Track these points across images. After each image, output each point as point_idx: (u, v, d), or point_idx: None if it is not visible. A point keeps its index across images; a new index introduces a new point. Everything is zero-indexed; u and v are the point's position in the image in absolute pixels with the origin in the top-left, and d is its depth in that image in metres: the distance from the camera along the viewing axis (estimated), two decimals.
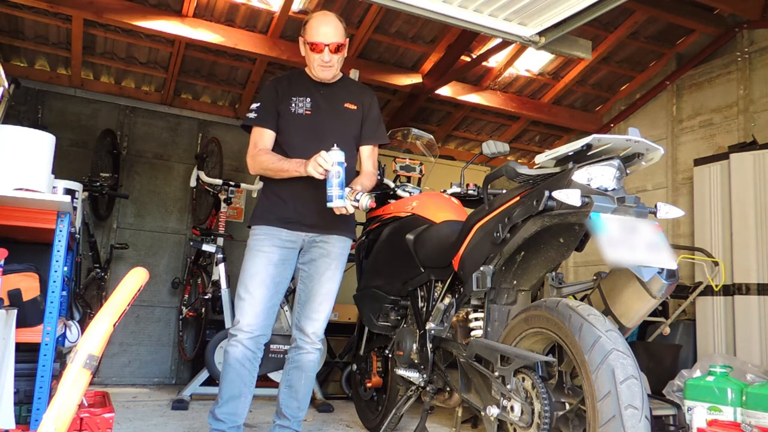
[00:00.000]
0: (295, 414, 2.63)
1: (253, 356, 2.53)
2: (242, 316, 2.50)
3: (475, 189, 3.10)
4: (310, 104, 2.63)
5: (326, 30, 2.55)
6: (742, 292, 3.95)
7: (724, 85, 4.67)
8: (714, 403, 3.08)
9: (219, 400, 2.50)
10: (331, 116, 2.64)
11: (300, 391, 2.64)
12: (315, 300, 2.63)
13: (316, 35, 2.56)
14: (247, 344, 2.50)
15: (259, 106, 2.62)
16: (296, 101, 2.62)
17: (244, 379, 2.51)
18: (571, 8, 3.14)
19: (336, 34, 2.57)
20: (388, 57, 5.01)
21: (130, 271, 1.60)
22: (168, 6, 4.29)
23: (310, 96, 2.64)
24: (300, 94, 2.63)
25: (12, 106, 4.14)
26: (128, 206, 5.09)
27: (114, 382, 4.80)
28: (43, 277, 2.40)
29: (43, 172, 2.37)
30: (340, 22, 2.62)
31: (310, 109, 2.62)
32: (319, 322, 2.64)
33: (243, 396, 2.51)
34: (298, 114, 2.60)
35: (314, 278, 2.63)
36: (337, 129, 2.62)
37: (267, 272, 2.53)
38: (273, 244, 2.55)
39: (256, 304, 2.50)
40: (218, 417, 2.48)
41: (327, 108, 2.64)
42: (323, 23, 2.57)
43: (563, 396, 1.82)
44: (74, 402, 1.39)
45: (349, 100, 2.70)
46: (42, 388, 2.24)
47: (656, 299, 1.80)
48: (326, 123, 2.62)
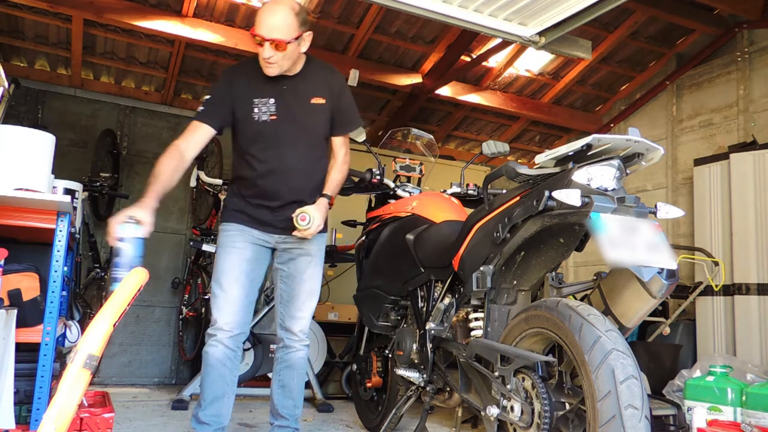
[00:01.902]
0: (292, 412, 2.60)
1: (234, 355, 2.47)
2: (219, 315, 2.43)
3: (475, 189, 3.10)
4: (275, 107, 2.42)
5: (268, 22, 2.28)
6: (742, 292, 3.95)
7: (724, 85, 4.67)
8: (714, 403, 3.08)
9: (202, 402, 2.42)
10: (298, 118, 2.46)
11: (294, 390, 2.60)
12: (299, 299, 2.56)
13: (257, 25, 2.30)
14: (227, 343, 2.43)
15: (208, 100, 2.44)
16: (259, 105, 2.42)
17: (226, 379, 2.45)
18: (571, 8, 3.14)
19: (278, 29, 2.28)
20: (388, 57, 5.01)
21: (130, 271, 1.61)
22: (168, 6, 4.29)
23: (273, 96, 2.43)
24: (262, 94, 2.43)
25: (12, 106, 4.13)
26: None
27: (114, 382, 4.80)
28: (43, 277, 2.40)
29: (43, 172, 2.37)
30: (292, 14, 2.31)
31: (275, 113, 2.42)
32: (304, 319, 2.58)
33: (226, 396, 2.45)
34: (263, 121, 2.42)
35: (296, 277, 2.56)
36: (305, 132, 2.48)
37: (241, 269, 2.47)
38: (245, 240, 2.49)
39: (233, 301, 2.44)
40: (202, 420, 2.41)
41: (293, 109, 2.45)
42: (267, 13, 2.30)
43: (563, 396, 1.82)
44: (74, 402, 1.39)
45: (316, 93, 2.48)
46: (42, 388, 2.24)
47: (656, 299, 1.80)
48: (293, 128, 2.45)
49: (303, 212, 2.32)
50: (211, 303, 2.50)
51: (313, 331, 4.46)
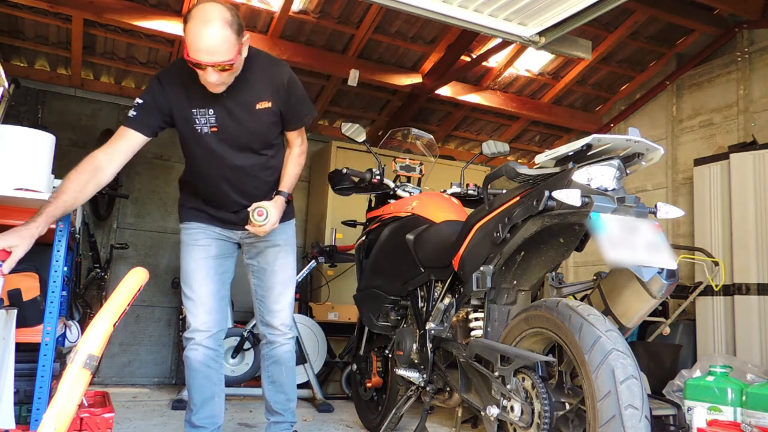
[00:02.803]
0: (286, 406, 2.58)
1: (216, 354, 2.42)
2: (194, 317, 2.37)
3: (475, 189, 3.10)
4: (215, 118, 2.22)
5: (206, 45, 2.00)
6: (742, 292, 3.95)
7: (724, 85, 4.67)
8: (714, 403, 3.08)
9: (192, 407, 2.38)
10: (242, 127, 2.27)
11: (285, 384, 2.57)
12: (273, 291, 2.51)
13: (193, 50, 2.01)
14: (207, 344, 2.38)
15: (141, 105, 2.21)
16: (198, 116, 2.22)
17: (213, 379, 2.41)
18: (571, 8, 3.14)
19: (219, 52, 2.01)
20: (388, 57, 5.01)
21: (130, 271, 1.60)
22: (168, 6, 4.29)
23: (212, 106, 2.21)
24: (201, 104, 2.20)
25: (12, 106, 4.14)
26: (128, 206, 5.09)
27: (114, 382, 4.80)
28: (43, 277, 2.40)
29: (43, 172, 2.37)
30: (228, 28, 2.01)
31: (215, 125, 2.23)
32: (284, 312, 2.51)
33: (216, 396, 2.42)
34: (204, 133, 2.24)
35: (266, 270, 2.51)
36: (251, 139, 2.31)
37: (208, 266, 2.41)
38: (208, 236, 2.43)
39: (207, 300, 2.38)
40: (196, 424, 2.38)
41: (236, 117, 2.25)
42: (201, 36, 1.99)
43: (563, 396, 1.82)
44: (74, 402, 1.39)
45: (261, 97, 2.26)
46: (42, 388, 2.24)
47: (656, 299, 1.80)
48: (238, 138, 2.28)
49: (260, 207, 2.25)
50: (184, 305, 2.43)
51: (313, 331, 4.46)
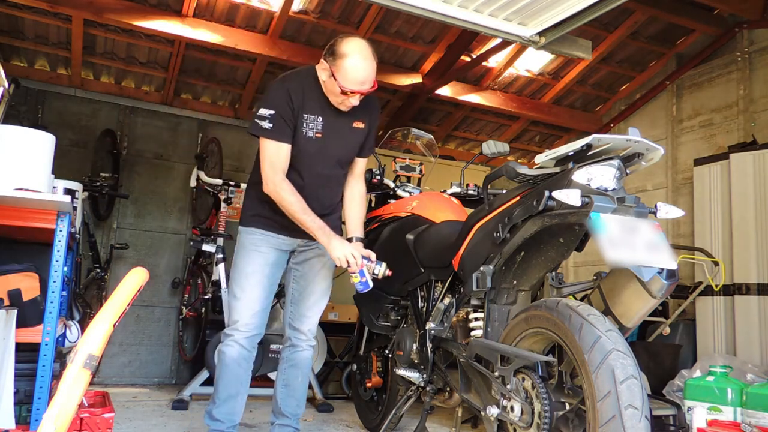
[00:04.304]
0: (294, 412, 2.64)
1: (249, 355, 2.53)
2: (239, 316, 2.48)
3: (475, 189, 3.10)
4: (321, 125, 2.44)
5: (366, 78, 2.33)
6: (742, 292, 3.95)
7: (724, 85, 4.67)
8: (714, 403, 3.08)
9: (216, 401, 2.49)
10: (340, 139, 2.51)
11: (298, 389, 2.64)
12: (310, 298, 2.63)
13: (353, 84, 2.32)
14: (243, 344, 2.49)
15: (273, 115, 2.36)
16: (308, 121, 2.42)
17: (241, 378, 2.51)
18: (571, 8, 3.14)
19: (372, 80, 2.36)
20: (388, 57, 5.01)
21: (130, 271, 1.61)
22: (168, 6, 4.29)
23: (322, 114, 2.44)
24: (312, 111, 2.43)
25: (12, 106, 4.14)
26: (128, 206, 5.09)
27: (114, 382, 4.80)
28: (43, 277, 2.40)
29: (43, 172, 2.37)
30: (374, 60, 2.36)
31: (320, 131, 2.44)
32: (313, 319, 2.64)
33: (240, 395, 2.52)
34: (308, 137, 2.43)
35: (309, 277, 2.64)
36: (343, 153, 2.54)
37: (263, 272, 2.52)
38: (269, 245, 2.53)
39: (254, 303, 2.49)
40: (216, 417, 2.47)
41: (337, 130, 2.49)
42: (363, 71, 2.31)
43: (563, 396, 1.82)
44: (74, 402, 1.39)
45: (358, 118, 2.53)
46: (42, 388, 2.24)
47: (656, 299, 1.80)
48: (334, 147, 2.50)
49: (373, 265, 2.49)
50: (231, 304, 2.53)
51: None
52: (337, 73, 2.31)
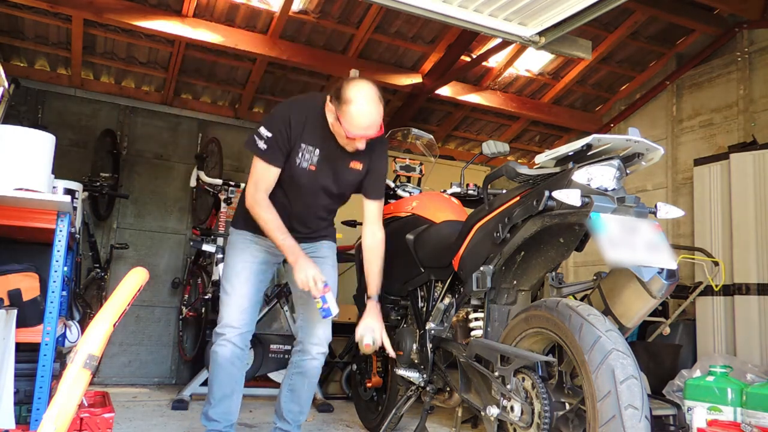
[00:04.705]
0: (296, 418, 2.62)
1: (242, 353, 2.52)
2: (228, 313, 2.49)
3: (475, 189, 3.10)
4: (317, 159, 2.43)
5: (370, 125, 2.34)
6: (742, 292, 3.95)
7: (724, 85, 4.67)
8: (714, 403, 3.08)
9: (211, 401, 2.49)
10: (333, 175, 2.48)
11: (302, 396, 2.62)
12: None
13: (357, 129, 2.32)
14: (235, 342, 2.48)
15: (270, 138, 2.36)
16: (304, 152, 2.41)
17: (235, 377, 2.51)
18: (571, 8, 3.14)
19: (378, 125, 2.37)
20: (388, 57, 5.01)
21: (130, 271, 1.61)
22: (168, 6, 4.29)
23: (320, 147, 2.42)
24: (311, 142, 2.41)
25: (12, 106, 4.13)
26: (128, 206, 5.09)
27: (114, 382, 4.80)
28: (43, 277, 2.40)
29: (43, 172, 2.37)
30: (381, 103, 2.39)
31: (315, 165, 2.43)
32: (329, 323, 2.58)
33: (235, 394, 2.51)
34: (302, 168, 2.42)
35: None
36: (334, 189, 2.52)
37: (252, 269, 2.53)
38: (259, 245, 2.55)
39: (243, 300, 2.49)
40: (212, 417, 2.47)
41: (332, 166, 2.47)
42: (368, 117, 2.32)
43: (563, 396, 1.82)
44: (74, 402, 1.39)
45: (357, 158, 2.50)
46: (42, 388, 2.24)
47: (656, 299, 1.80)
48: (325, 182, 2.48)
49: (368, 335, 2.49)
50: (221, 302, 2.53)
51: None
52: (342, 118, 2.31)
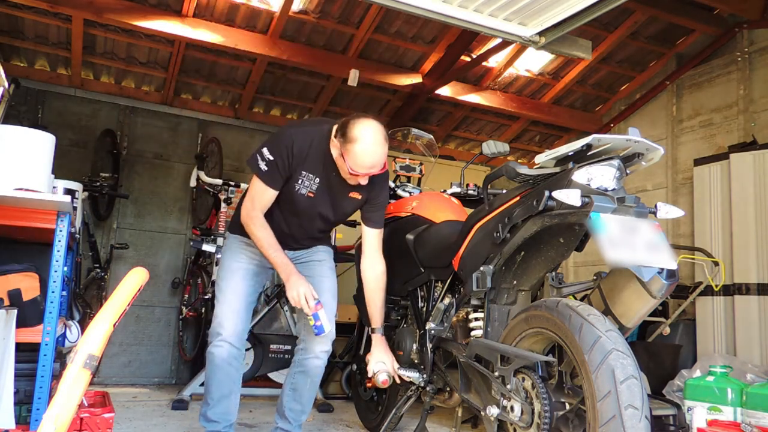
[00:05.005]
0: (298, 417, 2.63)
1: (239, 353, 2.53)
2: (223, 314, 2.49)
3: (475, 189, 3.10)
4: (316, 187, 2.45)
5: (375, 164, 2.32)
6: (742, 292, 3.95)
7: (724, 85, 4.67)
8: (714, 403, 3.08)
9: (209, 401, 2.49)
10: (331, 204, 2.52)
11: (304, 395, 2.63)
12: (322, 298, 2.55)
13: (361, 168, 2.31)
14: (232, 341, 2.48)
15: (272, 162, 2.38)
16: (304, 178, 2.43)
17: (233, 377, 2.51)
18: (571, 8, 3.14)
19: (380, 166, 2.35)
20: (388, 57, 5.01)
21: (130, 271, 1.61)
22: (168, 6, 4.29)
23: (321, 176, 2.44)
24: (312, 170, 2.43)
25: (12, 106, 4.13)
26: (128, 206, 5.09)
27: (114, 382, 4.80)
28: (43, 277, 2.40)
29: (43, 172, 2.37)
30: (386, 143, 2.34)
31: (313, 192, 2.45)
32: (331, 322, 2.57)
33: (233, 394, 2.52)
34: (300, 194, 2.45)
35: (313, 278, 2.60)
36: (331, 216, 2.56)
37: (247, 269, 2.55)
38: (254, 249, 2.55)
39: (237, 299, 2.51)
40: (211, 418, 2.47)
41: (331, 195, 2.50)
42: (372, 157, 2.30)
43: (563, 396, 1.82)
44: (74, 402, 1.39)
45: (357, 190, 2.51)
46: (42, 388, 2.24)
47: (656, 299, 1.80)
48: (323, 209, 2.52)
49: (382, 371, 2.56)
50: (216, 302, 2.54)
51: None
52: (346, 155, 2.31)
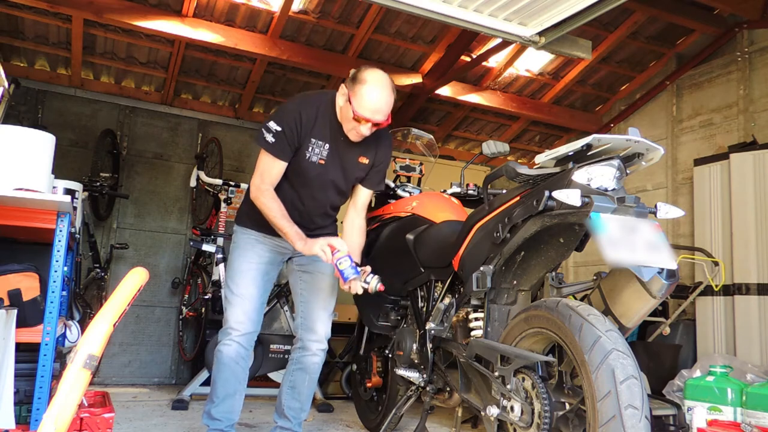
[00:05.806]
0: (297, 415, 2.64)
1: (246, 354, 2.54)
2: (234, 314, 2.50)
3: (475, 189, 3.10)
4: (327, 153, 2.46)
5: (379, 109, 2.33)
6: (742, 292, 3.95)
7: (724, 85, 4.67)
8: (714, 403, 3.08)
9: (214, 400, 2.50)
10: (342, 170, 2.52)
11: (303, 393, 2.64)
12: (321, 294, 2.63)
13: (366, 111, 2.32)
14: (240, 341, 2.50)
15: (279, 132, 2.38)
16: (314, 146, 2.44)
17: (239, 377, 2.52)
18: (571, 8, 3.14)
19: (386, 113, 2.36)
20: (388, 57, 5.01)
21: (130, 271, 1.61)
22: (168, 6, 4.29)
23: (330, 142, 2.46)
24: (320, 137, 2.44)
25: (12, 106, 4.13)
26: (128, 206, 5.09)
27: (114, 382, 4.80)
28: (43, 277, 2.40)
29: (43, 172, 2.37)
30: (394, 94, 2.38)
31: (324, 159, 2.46)
32: (326, 317, 2.64)
33: (238, 393, 2.53)
34: (311, 161, 2.45)
35: (317, 276, 2.64)
36: (342, 183, 2.56)
37: (258, 270, 2.54)
38: (264, 244, 2.56)
39: (248, 301, 2.51)
40: (215, 416, 2.48)
41: (341, 161, 2.50)
42: (378, 100, 2.32)
43: (563, 396, 1.83)
44: (74, 402, 1.39)
45: (364, 153, 2.54)
46: (42, 388, 2.24)
47: (656, 299, 1.80)
48: (334, 176, 2.51)
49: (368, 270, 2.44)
50: (226, 302, 2.55)
51: None
52: (353, 98, 2.32)
